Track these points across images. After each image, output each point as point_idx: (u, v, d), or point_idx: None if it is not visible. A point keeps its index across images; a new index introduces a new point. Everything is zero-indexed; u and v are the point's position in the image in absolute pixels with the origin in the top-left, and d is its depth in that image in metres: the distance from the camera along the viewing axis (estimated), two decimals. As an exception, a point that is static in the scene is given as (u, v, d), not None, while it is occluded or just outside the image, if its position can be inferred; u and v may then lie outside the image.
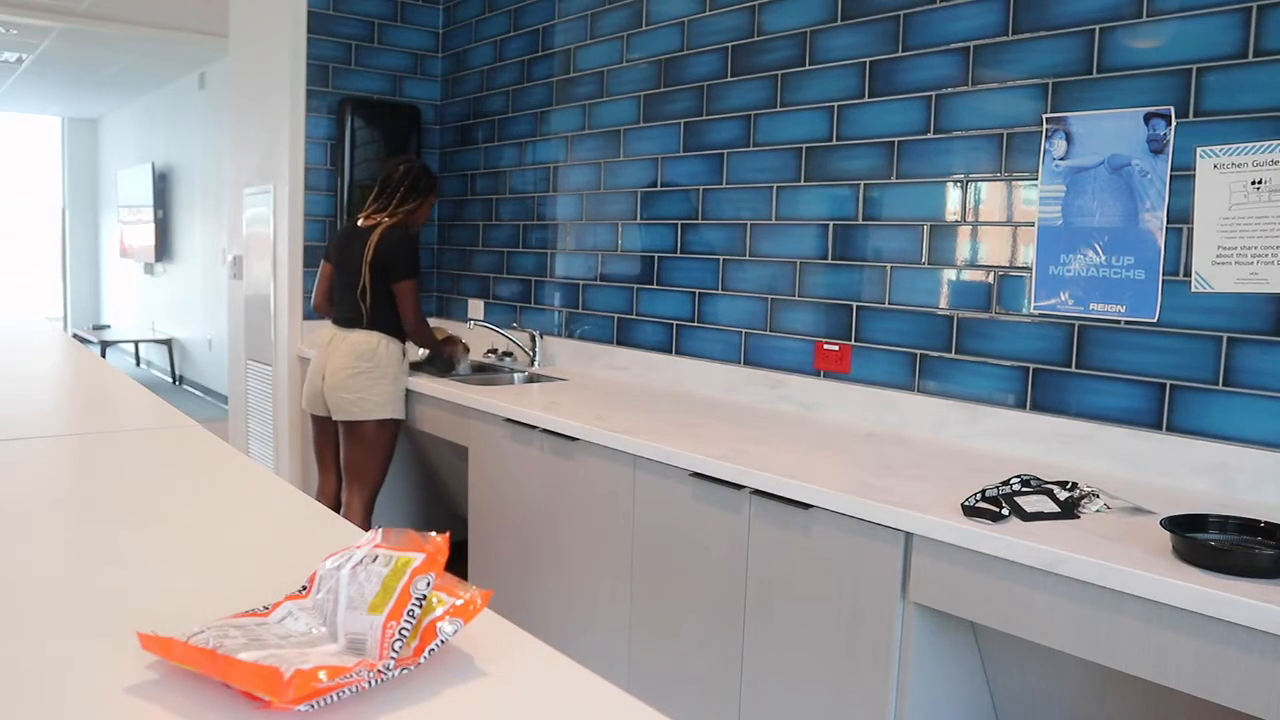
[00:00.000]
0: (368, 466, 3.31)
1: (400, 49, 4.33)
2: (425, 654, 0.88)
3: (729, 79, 2.97)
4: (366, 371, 3.23)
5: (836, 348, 2.66)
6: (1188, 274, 1.96)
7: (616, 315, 3.44)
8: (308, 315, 4.14)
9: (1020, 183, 2.25)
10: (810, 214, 2.73)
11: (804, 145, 2.74)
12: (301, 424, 4.16)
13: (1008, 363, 2.28)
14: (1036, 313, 2.22)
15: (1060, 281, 2.17)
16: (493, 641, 1.00)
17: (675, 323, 3.19)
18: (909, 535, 1.78)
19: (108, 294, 11.56)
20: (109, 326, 10.97)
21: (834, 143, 2.66)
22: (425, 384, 3.27)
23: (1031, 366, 2.23)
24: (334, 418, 3.31)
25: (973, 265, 2.36)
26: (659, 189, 3.25)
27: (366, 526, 3.23)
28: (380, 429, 3.29)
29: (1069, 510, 1.74)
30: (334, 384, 3.26)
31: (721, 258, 3.01)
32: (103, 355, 8.85)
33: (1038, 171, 2.20)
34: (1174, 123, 1.97)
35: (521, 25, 3.90)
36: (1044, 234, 2.19)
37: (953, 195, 2.39)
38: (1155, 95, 2.00)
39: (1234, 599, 1.36)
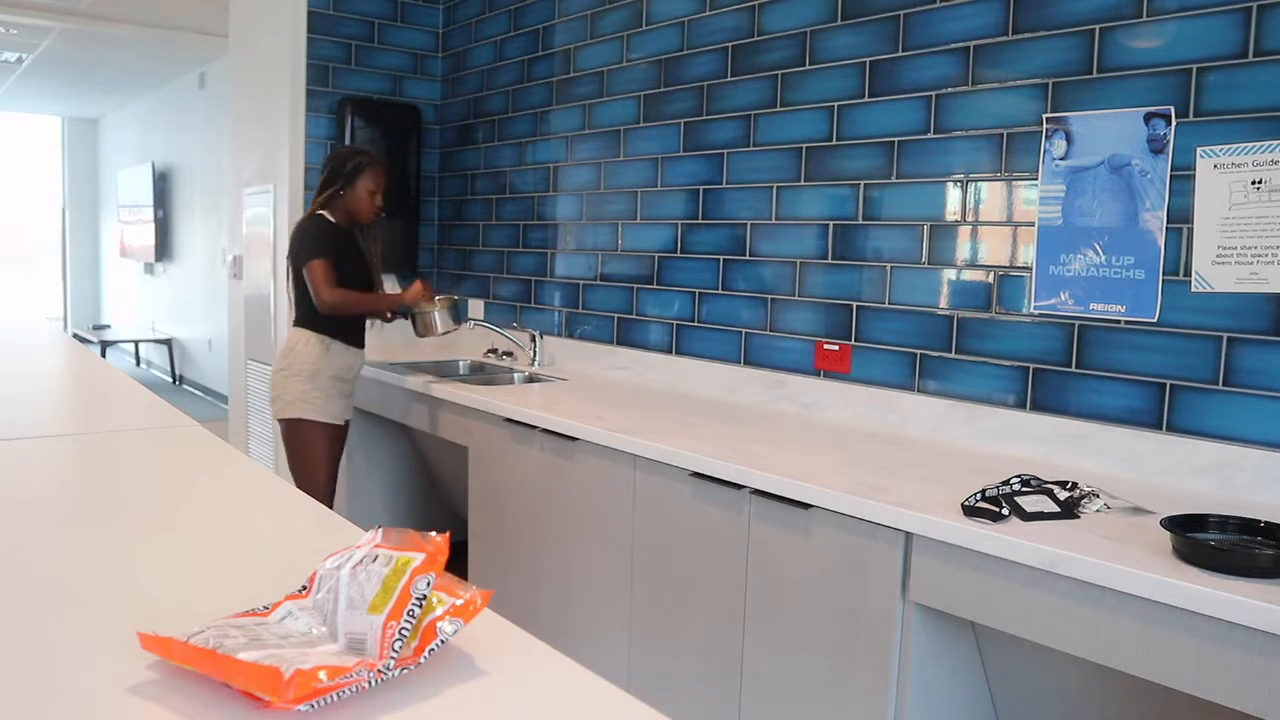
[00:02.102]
0: (296, 472, 3.12)
1: (400, 49, 4.33)
2: (425, 654, 0.88)
3: (729, 79, 2.97)
4: (283, 369, 3.10)
5: (836, 348, 2.66)
6: (1188, 274, 1.96)
7: (616, 315, 3.44)
8: (308, 315, 4.14)
9: (1020, 183, 2.25)
10: (810, 214, 2.73)
11: (804, 145, 2.74)
12: (301, 424, 4.16)
13: (1008, 363, 2.28)
14: (1036, 313, 2.22)
15: (1060, 281, 2.17)
16: (493, 641, 1.00)
17: (675, 323, 3.19)
18: (909, 535, 1.78)
19: (108, 294, 11.56)
20: (109, 326, 10.97)
21: (834, 143, 2.66)
22: (425, 384, 3.27)
23: (1031, 366, 2.23)
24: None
25: (973, 265, 2.36)
26: (659, 189, 3.25)
27: None
28: (293, 429, 3.08)
29: (1069, 510, 1.74)
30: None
31: (721, 258, 3.01)
32: (103, 355, 8.85)
33: (1038, 171, 2.20)
34: (1174, 123, 1.97)
35: (521, 25, 3.90)
36: (1044, 234, 2.19)
37: (953, 195, 2.39)
38: (1155, 95, 2.00)
39: (1234, 599, 1.36)
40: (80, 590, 1.13)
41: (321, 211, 3.09)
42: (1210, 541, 1.53)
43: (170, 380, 9.20)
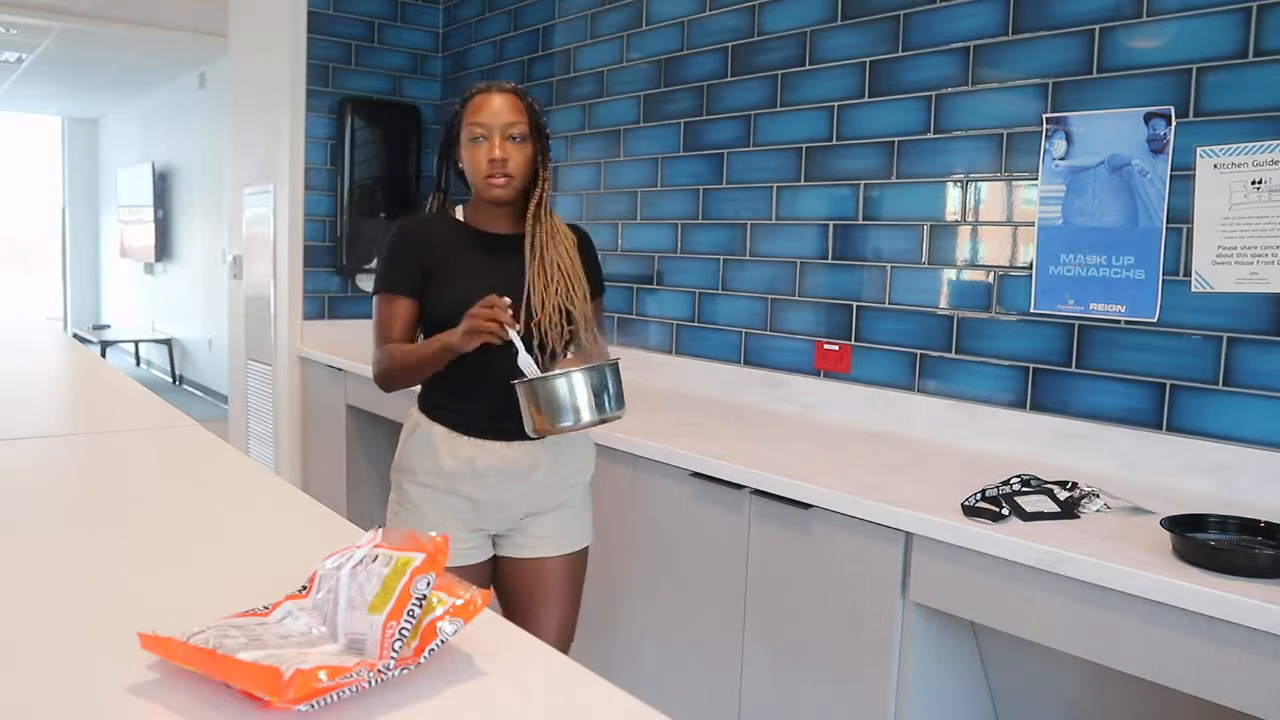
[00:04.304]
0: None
1: (400, 49, 4.33)
2: (425, 654, 0.88)
3: (729, 79, 2.97)
4: None
5: (836, 348, 2.66)
6: (1188, 274, 1.96)
7: (616, 315, 3.43)
8: (308, 315, 4.15)
9: (1020, 183, 2.25)
10: (810, 214, 2.73)
11: (804, 145, 2.74)
12: (301, 424, 4.16)
13: (1008, 363, 2.28)
14: (1036, 313, 2.22)
15: (1060, 281, 2.17)
16: (493, 641, 1.00)
17: (675, 323, 3.19)
18: (909, 535, 1.77)
19: (108, 294, 11.56)
20: (109, 326, 10.97)
21: (834, 143, 2.66)
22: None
23: (1031, 366, 2.23)
24: None
25: (973, 265, 2.36)
26: (659, 189, 3.25)
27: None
28: None
29: (1069, 510, 1.74)
30: None
31: (721, 258, 3.01)
32: (103, 355, 8.85)
33: (1038, 171, 2.20)
34: (1174, 123, 1.97)
35: (521, 25, 3.90)
36: (1044, 234, 2.19)
37: (953, 195, 2.39)
38: (1155, 95, 2.00)
39: (1234, 599, 1.35)
40: (80, 590, 1.13)
41: (456, 208, 1.98)
42: (1210, 541, 1.53)
43: (170, 380, 9.20)
